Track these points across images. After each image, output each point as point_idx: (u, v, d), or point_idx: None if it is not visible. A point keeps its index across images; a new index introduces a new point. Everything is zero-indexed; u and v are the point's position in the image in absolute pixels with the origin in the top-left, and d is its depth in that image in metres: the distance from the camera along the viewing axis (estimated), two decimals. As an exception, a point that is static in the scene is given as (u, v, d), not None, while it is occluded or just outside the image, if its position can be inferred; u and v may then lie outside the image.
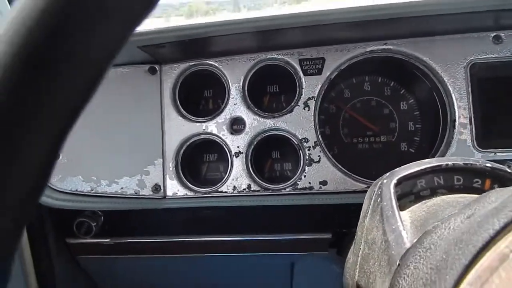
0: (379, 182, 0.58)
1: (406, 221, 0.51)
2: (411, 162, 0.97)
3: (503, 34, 0.86)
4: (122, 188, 0.85)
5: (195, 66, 0.89)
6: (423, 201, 0.55)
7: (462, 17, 0.80)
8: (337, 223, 0.93)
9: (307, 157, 0.87)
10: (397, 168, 0.58)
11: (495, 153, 0.84)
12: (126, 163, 0.85)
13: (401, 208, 0.53)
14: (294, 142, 0.89)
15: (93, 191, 0.84)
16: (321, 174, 0.87)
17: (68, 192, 0.84)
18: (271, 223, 0.93)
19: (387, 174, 0.59)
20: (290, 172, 0.98)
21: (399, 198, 0.55)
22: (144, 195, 0.86)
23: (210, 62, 0.89)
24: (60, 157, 0.84)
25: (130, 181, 0.85)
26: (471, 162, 0.54)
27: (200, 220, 0.93)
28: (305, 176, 0.87)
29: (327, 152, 0.88)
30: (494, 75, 0.86)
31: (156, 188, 0.86)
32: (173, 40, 0.79)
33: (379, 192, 0.55)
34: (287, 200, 0.86)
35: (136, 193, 0.86)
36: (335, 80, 0.91)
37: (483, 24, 0.86)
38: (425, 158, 0.93)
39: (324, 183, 0.87)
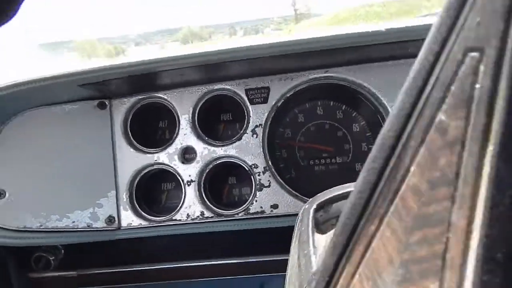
0: (303, 208, 0.59)
1: (321, 245, 0.51)
2: None
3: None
4: (73, 222, 0.85)
5: (145, 100, 0.91)
6: None
7: (394, 45, 0.83)
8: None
9: (258, 182, 0.88)
10: (321, 193, 0.59)
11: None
12: (77, 197, 0.86)
13: (323, 231, 0.54)
14: (245, 168, 0.90)
15: (43, 227, 0.84)
16: (272, 198, 0.87)
17: (18, 230, 0.84)
18: (234, 248, 0.93)
19: (310, 200, 0.60)
20: (248, 196, 0.98)
21: (323, 222, 0.55)
22: (97, 228, 0.86)
23: (159, 95, 0.91)
24: (7, 195, 0.84)
25: (82, 214, 0.86)
26: None
27: (159, 248, 0.93)
28: (256, 201, 0.87)
29: (278, 177, 0.89)
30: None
31: (110, 219, 0.86)
32: (115, 77, 0.81)
33: (301, 218, 0.56)
34: (240, 225, 0.87)
35: (88, 226, 0.86)
36: (282, 107, 0.93)
37: (415, 52, 0.89)
38: None
39: (275, 206, 0.87)
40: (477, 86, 0.19)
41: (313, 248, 0.49)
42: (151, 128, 0.99)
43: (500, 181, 0.19)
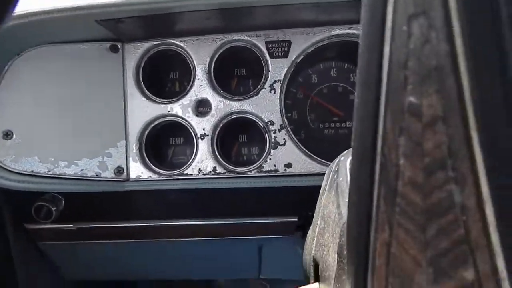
0: (337, 160, 0.57)
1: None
2: None
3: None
4: (82, 170, 0.80)
5: (160, 46, 0.85)
6: None
7: None
8: (303, 206, 0.91)
9: (273, 140, 0.85)
10: None
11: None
12: (86, 144, 0.80)
13: None
14: (260, 125, 0.86)
15: (51, 173, 0.79)
16: (286, 157, 0.85)
17: (23, 173, 0.78)
18: (238, 207, 0.91)
19: (344, 152, 0.58)
20: (257, 156, 0.95)
21: None
22: (106, 178, 0.81)
23: (175, 42, 0.85)
24: (14, 136, 0.77)
25: (91, 163, 0.80)
26: None
27: (165, 204, 0.89)
28: (270, 159, 0.84)
29: (293, 136, 0.86)
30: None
31: (119, 170, 0.82)
32: (134, 15, 0.74)
33: (336, 169, 0.54)
34: (252, 183, 0.84)
35: (97, 175, 0.81)
36: (301, 64, 0.88)
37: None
38: None
39: (289, 165, 0.85)
40: (435, 54, 0.18)
41: (356, 197, 0.47)
42: (164, 78, 0.93)
43: (493, 146, 0.17)
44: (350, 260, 0.27)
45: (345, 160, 0.53)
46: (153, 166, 0.84)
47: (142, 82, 0.85)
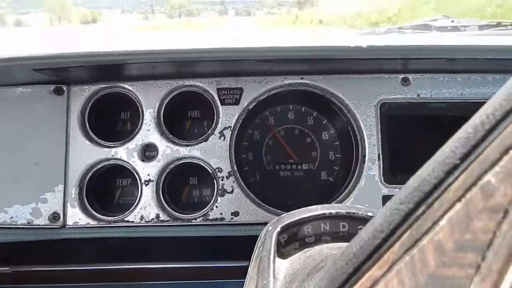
0: (265, 230, 0.54)
1: (280, 274, 0.47)
2: (329, 190, 0.98)
3: (410, 77, 0.87)
4: (11, 217, 0.75)
5: (108, 89, 0.82)
6: (305, 250, 0.51)
7: (373, 61, 0.79)
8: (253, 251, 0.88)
9: (220, 187, 0.82)
10: (285, 214, 0.55)
11: (400, 189, 0.83)
12: (19, 189, 0.76)
13: (284, 255, 0.49)
14: (208, 171, 0.83)
15: (-25, 221, 0.73)
16: (233, 205, 0.82)
17: None
18: (184, 253, 0.87)
19: (274, 220, 0.56)
20: (209, 198, 0.92)
21: (285, 244, 0.51)
22: (39, 225, 0.76)
23: (124, 86, 0.82)
24: None
25: (23, 209, 0.75)
26: (353, 211, 0.51)
27: (106, 249, 0.84)
28: (217, 207, 0.81)
29: (242, 183, 0.83)
30: (401, 114, 0.86)
31: (54, 216, 0.77)
32: (77, 65, 0.71)
33: (263, 240, 0.51)
34: (197, 231, 0.80)
35: (29, 222, 0.76)
36: (254, 110, 0.87)
37: (393, 68, 0.86)
38: (341, 188, 0.95)
39: (236, 214, 0.82)
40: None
41: (273, 279, 0.44)
42: (111, 120, 0.89)
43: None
44: (330, 270, 0.25)
45: (273, 230, 0.50)
46: (92, 211, 0.80)
47: (87, 125, 0.81)
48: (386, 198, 0.83)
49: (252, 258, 0.53)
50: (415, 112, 0.87)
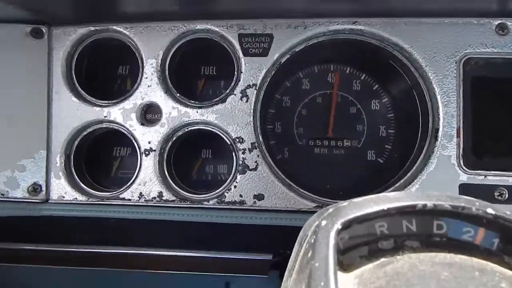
0: (316, 222, 0.34)
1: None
2: (378, 174, 0.76)
3: (510, 23, 0.60)
4: (-21, 187, 0.60)
5: (98, 33, 0.64)
6: (382, 261, 0.32)
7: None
8: (280, 242, 0.68)
9: (241, 162, 0.62)
10: (347, 201, 0.35)
11: (485, 176, 0.60)
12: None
13: (346, 267, 0.32)
14: (226, 142, 0.63)
15: None
16: (257, 185, 0.63)
17: None
18: (193, 239, 0.69)
19: (331, 208, 0.36)
20: (226, 176, 0.73)
21: (345, 249, 0.32)
22: (16, 198, 0.60)
23: (118, 29, 0.63)
24: None
25: (-6, 178, 0.60)
26: (462, 205, 0.30)
27: (101, 228, 0.68)
28: (235, 187, 0.63)
29: (268, 158, 0.63)
30: (494, 75, 0.61)
31: (34, 188, 0.61)
32: None
33: (312, 241, 0.32)
34: (209, 216, 0.62)
35: (3, 194, 0.60)
36: (286, 65, 0.65)
37: (485, 7, 0.60)
38: (395, 172, 0.72)
39: (259, 197, 0.62)
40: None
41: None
42: (104, 74, 0.71)
43: None
44: None
45: (329, 227, 0.32)
46: (81, 185, 0.63)
47: (74, 77, 0.64)
48: (465, 188, 0.59)
49: (291, 264, 0.34)
50: (512, 74, 0.61)
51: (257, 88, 0.63)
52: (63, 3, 0.57)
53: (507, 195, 0.58)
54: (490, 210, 0.29)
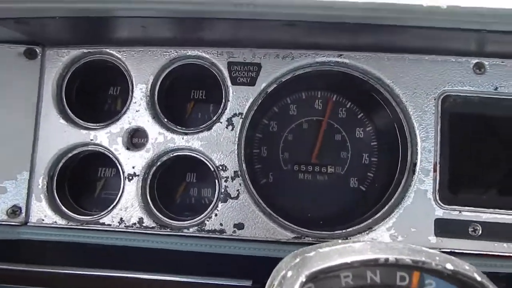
0: (283, 271, 0.35)
1: None
2: (358, 201, 0.76)
3: (487, 63, 0.63)
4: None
5: (91, 55, 0.64)
6: None
7: (440, 33, 0.56)
8: (259, 270, 0.68)
9: (223, 191, 0.62)
10: (313, 247, 0.35)
11: (460, 212, 0.61)
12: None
13: None
14: (210, 168, 0.64)
15: None
16: (238, 214, 0.63)
17: None
18: (171, 265, 0.68)
19: (298, 258, 0.36)
20: (210, 199, 0.73)
21: None
22: (-7, 220, 0.59)
23: (111, 51, 0.63)
24: None
25: (-28, 199, 0.59)
26: (423, 260, 0.31)
27: (79, 251, 0.66)
28: (216, 215, 0.62)
29: (250, 186, 0.63)
30: (470, 112, 0.63)
31: (14, 211, 0.60)
32: (54, 15, 0.52)
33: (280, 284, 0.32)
34: (188, 245, 0.62)
35: (-20, 216, 0.59)
36: (273, 94, 0.66)
37: (464, 46, 0.62)
38: (376, 201, 0.72)
39: (240, 226, 0.62)
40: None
41: None
42: (96, 96, 0.71)
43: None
44: None
45: (294, 279, 0.32)
46: (62, 207, 0.63)
47: (64, 99, 0.64)
48: (440, 223, 0.60)
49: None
50: (489, 111, 0.64)
51: (243, 117, 0.63)
52: (58, 27, 0.57)
53: (480, 231, 0.59)
54: (449, 266, 0.30)
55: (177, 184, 0.71)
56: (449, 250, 0.60)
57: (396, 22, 0.54)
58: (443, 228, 0.60)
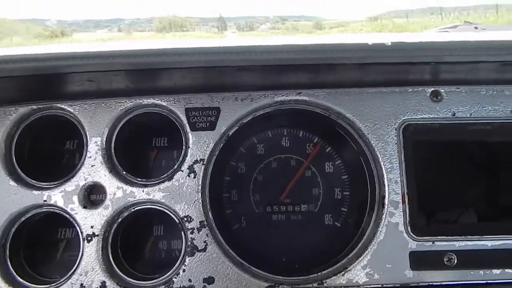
0: None
1: None
2: (334, 238, 0.72)
3: (443, 90, 0.65)
4: None
5: (41, 111, 0.61)
6: None
7: (396, 67, 0.57)
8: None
9: (189, 243, 0.59)
10: None
11: (433, 242, 0.59)
12: None
13: None
14: (175, 221, 0.61)
15: None
16: (207, 268, 0.59)
17: None
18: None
19: None
20: (179, 252, 0.68)
21: None
22: None
23: (62, 106, 0.61)
24: None
25: None
26: None
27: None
28: (184, 271, 0.58)
29: (218, 236, 0.60)
30: (431, 139, 0.63)
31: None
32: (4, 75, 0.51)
33: None
34: (156, 306, 0.57)
35: None
36: (235, 136, 0.65)
37: (419, 77, 0.64)
38: (352, 236, 0.70)
39: (210, 280, 0.59)
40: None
41: None
42: (48, 153, 0.67)
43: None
44: None
45: None
46: (17, 277, 0.58)
47: (13, 159, 0.60)
48: (415, 256, 0.58)
49: None
50: (449, 137, 0.64)
51: (204, 163, 0.61)
52: (7, 88, 0.55)
53: (456, 260, 0.57)
54: None
55: (144, 239, 0.67)
56: (426, 284, 0.58)
57: (347, 61, 0.55)
58: (418, 261, 0.58)
